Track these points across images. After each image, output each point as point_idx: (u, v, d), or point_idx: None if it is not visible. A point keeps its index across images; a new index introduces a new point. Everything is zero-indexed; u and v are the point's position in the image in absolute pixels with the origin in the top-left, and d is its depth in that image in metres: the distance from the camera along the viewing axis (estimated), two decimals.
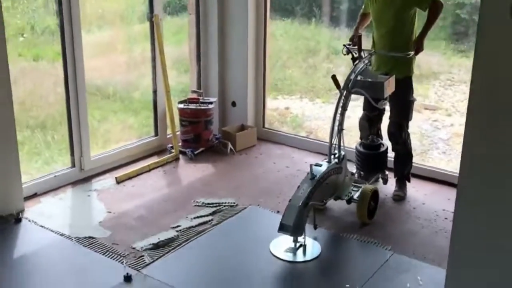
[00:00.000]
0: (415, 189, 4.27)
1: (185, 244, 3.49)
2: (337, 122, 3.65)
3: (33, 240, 3.55)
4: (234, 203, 4.03)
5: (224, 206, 3.98)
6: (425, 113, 5.64)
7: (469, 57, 5.54)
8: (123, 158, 4.65)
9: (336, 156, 3.67)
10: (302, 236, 3.39)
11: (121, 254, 3.35)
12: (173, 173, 4.60)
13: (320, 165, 3.54)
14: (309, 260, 3.38)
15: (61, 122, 4.51)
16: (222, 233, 3.66)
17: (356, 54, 3.82)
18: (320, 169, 3.49)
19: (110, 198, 4.09)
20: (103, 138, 4.83)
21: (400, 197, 4.12)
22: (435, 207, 4.01)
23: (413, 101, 4.05)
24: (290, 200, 3.35)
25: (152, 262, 3.29)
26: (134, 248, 3.42)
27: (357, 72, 3.70)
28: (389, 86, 3.72)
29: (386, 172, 4.24)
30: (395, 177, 4.21)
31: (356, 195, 3.77)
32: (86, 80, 4.28)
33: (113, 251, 3.39)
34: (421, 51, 3.86)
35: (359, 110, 4.35)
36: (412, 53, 3.82)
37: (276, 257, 3.37)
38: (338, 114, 3.64)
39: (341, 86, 3.64)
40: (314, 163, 3.56)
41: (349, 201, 3.78)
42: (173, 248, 3.44)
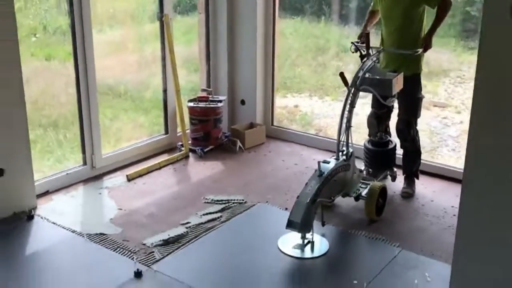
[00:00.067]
0: (424, 186, 4.27)
1: (195, 241, 3.53)
2: (345, 119, 3.66)
3: (45, 237, 3.61)
4: (243, 200, 4.06)
5: (233, 203, 4.02)
6: (435, 111, 5.63)
7: None
8: (134, 156, 4.70)
9: (344, 153, 3.68)
10: (310, 233, 3.41)
11: (132, 251, 3.40)
12: (183, 171, 4.64)
13: (328, 162, 3.56)
14: (317, 257, 3.40)
15: (73, 122, 4.56)
16: (231, 230, 3.69)
17: (364, 52, 3.83)
18: (328, 166, 3.51)
19: (121, 196, 4.14)
20: (115, 137, 4.88)
21: (409, 194, 4.13)
22: (444, 204, 4.02)
23: (422, 98, 4.05)
24: (298, 197, 3.38)
25: (162, 258, 3.33)
26: (145, 245, 3.47)
27: (365, 70, 3.70)
28: (397, 84, 3.72)
29: (395, 169, 4.25)
30: (404, 174, 4.22)
31: (364, 192, 3.79)
32: (98, 80, 4.32)
33: (124, 248, 3.43)
34: (430, 48, 3.87)
35: (367, 108, 4.36)
36: (421, 50, 3.83)
37: (284, 254, 3.40)
38: (346, 111, 3.65)
39: (349, 84, 3.65)
40: (322, 160, 3.58)
41: (357, 198, 3.80)
42: (183, 245, 3.48)
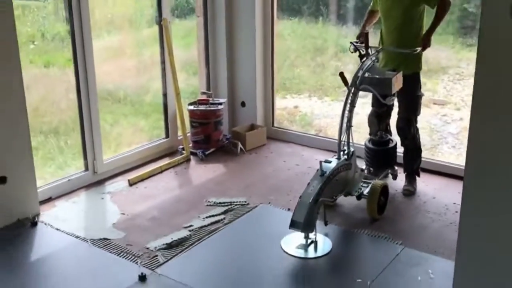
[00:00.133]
0: (425, 184, 4.28)
1: (198, 243, 3.54)
2: (346, 119, 3.68)
3: (49, 243, 3.62)
4: (245, 202, 4.07)
5: (236, 205, 4.03)
6: (434, 108, 5.65)
7: None
8: (135, 161, 4.72)
9: (346, 153, 3.70)
10: (313, 233, 3.42)
11: (136, 255, 3.41)
12: (185, 174, 4.65)
13: (330, 162, 3.57)
14: (321, 256, 3.41)
15: (74, 128, 4.57)
16: (234, 232, 3.71)
17: (364, 52, 3.84)
18: (330, 166, 3.52)
19: (123, 200, 4.15)
20: (116, 142, 4.90)
21: (410, 192, 4.14)
22: (445, 201, 4.03)
23: (421, 96, 4.07)
24: (301, 197, 3.39)
25: (166, 262, 3.34)
26: (148, 248, 3.48)
27: (365, 69, 3.72)
28: (397, 82, 3.74)
29: (396, 168, 4.27)
30: (405, 172, 4.23)
31: (366, 191, 3.80)
32: (98, 85, 4.34)
33: (128, 252, 3.45)
34: (428, 47, 3.89)
35: (367, 107, 4.37)
36: (419, 49, 3.85)
37: (288, 254, 3.41)
38: (347, 111, 3.67)
39: (349, 83, 3.67)
40: (324, 160, 3.59)
41: (359, 197, 3.81)
42: (186, 248, 3.49)
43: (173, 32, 4.94)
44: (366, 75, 3.70)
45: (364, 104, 4.47)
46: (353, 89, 3.67)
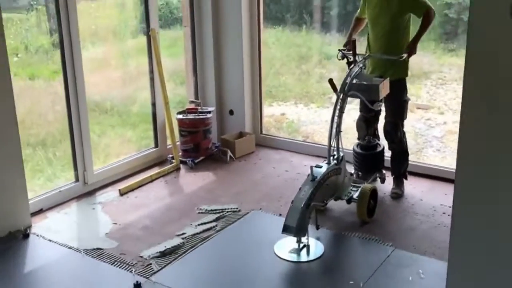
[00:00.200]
0: (412, 186, 4.36)
1: (191, 251, 3.57)
2: (335, 125, 3.75)
3: (42, 254, 3.61)
4: (237, 209, 4.11)
5: (227, 212, 4.06)
6: (418, 113, 5.76)
7: (459, 56, 5.65)
8: (125, 171, 4.73)
9: (335, 158, 3.76)
10: (305, 237, 3.47)
11: (130, 263, 3.42)
12: (175, 183, 4.68)
13: (320, 167, 3.63)
14: (313, 260, 3.46)
15: (61, 140, 4.57)
16: (227, 238, 3.74)
17: (351, 59, 3.92)
18: (320, 171, 3.58)
19: (115, 210, 4.16)
20: (104, 153, 4.90)
21: (398, 195, 4.22)
22: (433, 203, 4.11)
23: (407, 101, 4.17)
24: (293, 202, 3.44)
25: (160, 270, 3.36)
26: (142, 257, 3.49)
27: (353, 76, 3.80)
28: (384, 88, 3.82)
29: (384, 171, 4.34)
30: (393, 176, 4.31)
31: (356, 195, 3.86)
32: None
33: (122, 261, 3.46)
34: (414, 54, 3.99)
35: (353, 113, 4.45)
36: (405, 56, 3.94)
37: (281, 258, 3.45)
38: (336, 117, 3.73)
39: (338, 89, 3.74)
40: (315, 165, 3.65)
41: (349, 201, 3.87)
42: (180, 255, 3.51)
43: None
44: (354, 82, 3.78)
45: (350, 110, 4.55)
46: (342, 95, 3.74)
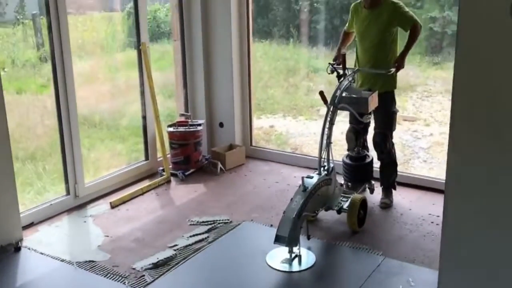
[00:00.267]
0: (401, 197, 4.43)
1: (184, 262, 3.59)
2: (326, 136, 3.81)
3: (35, 268, 3.60)
4: (228, 220, 4.14)
5: (219, 223, 4.09)
6: (405, 124, 5.86)
7: (444, 69, 5.79)
8: (116, 184, 4.74)
9: (326, 168, 3.82)
10: (297, 247, 3.52)
11: (123, 275, 3.43)
12: (166, 195, 4.70)
13: (311, 177, 3.68)
14: (305, 269, 3.49)
15: (51, 153, 4.56)
16: (219, 249, 3.77)
17: (341, 72, 4.00)
18: (312, 181, 3.63)
19: (106, 223, 4.17)
20: (94, 166, 4.91)
21: (387, 205, 4.28)
22: (421, 212, 4.18)
23: (396, 112, 4.25)
24: (284, 212, 3.48)
25: (154, 281, 3.38)
26: (135, 269, 3.51)
27: (342, 89, 3.88)
28: (373, 101, 3.91)
29: (373, 182, 4.40)
30: (381, 186, 4.37)
31: (346, 205, 3.92)
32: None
33: (115, 273, 3.47)
34: (402, 69, 4.08)
35: (342, 125, 4.52)
36: (393, 70, 4.03)
37: (273, 269, 3.49)
38: (326, 128, 3.80)
39: (328, 102, 3.81)
40: (306, 176, 3.70)
41: (340, 211, 3.92)
42: (172, 267, 3.53)
43: None
44: (344, 95, 3.86)
45: (338, 123, 4.62)
46: (332, 108, 3.81)
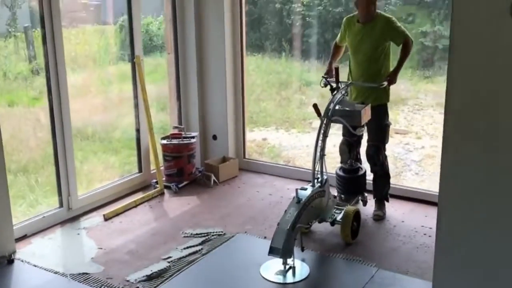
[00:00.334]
0: (394, 209, 4.46)
1: (178, 274, 3.59)
2: (319, 148, 3.84)
3: (28, 280, 3.59)
4: (222, 232, 4.15)
5: (213, 236, 4.10)
6: (397, 137, 5.92)
7: (435, 83, 5.88)
8: (109, 196, 4.73)
9: (319, 180, 3.84)
10: (291, 259, 3.53)
11: (117, 287, 3.43)
12: (159, 207, 4.70)
13: (305, 189, 3.71)
14: (299, 281, 3.50)
15: (44, 166, 4.55)
16: (213, 261, 3.77)
17: (334, 86, 4.05)
18: (305, 193, 3.65)
19: (100, 235, 4.16)
20: (87, 178, 4.90)
21: (380, 217, 4.31)
22: (414, 224, 4.21)
23: (389, 125, 4.29)
24: (279, 224, 3.49)
25: None
26: (129, 281, 3.50)
27: (336, 102, 3.92)
28: (365, 114, 3.95)
29: (366, 194, 4.43)
30: (374, 198, 4.40)
31: (339, 217, 3.94)
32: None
33: (108, 285, 3.46)
34: (394, 83, 4.13)
35: (335, 138, 4.56)
36: (386, 84, 4.08)
37: (267, 280, 3.49)
38: (320, 141, 3.83)
39: (322, 114, 3.85)
40: (300, 187, 3.73)
41: (333, 223, 3.94)
42: (166, 279, 3.53)
43: None
44: (337, 108, 3.90)
45: (330, 135, 4.66)
46: (326, 120, 3.85)
